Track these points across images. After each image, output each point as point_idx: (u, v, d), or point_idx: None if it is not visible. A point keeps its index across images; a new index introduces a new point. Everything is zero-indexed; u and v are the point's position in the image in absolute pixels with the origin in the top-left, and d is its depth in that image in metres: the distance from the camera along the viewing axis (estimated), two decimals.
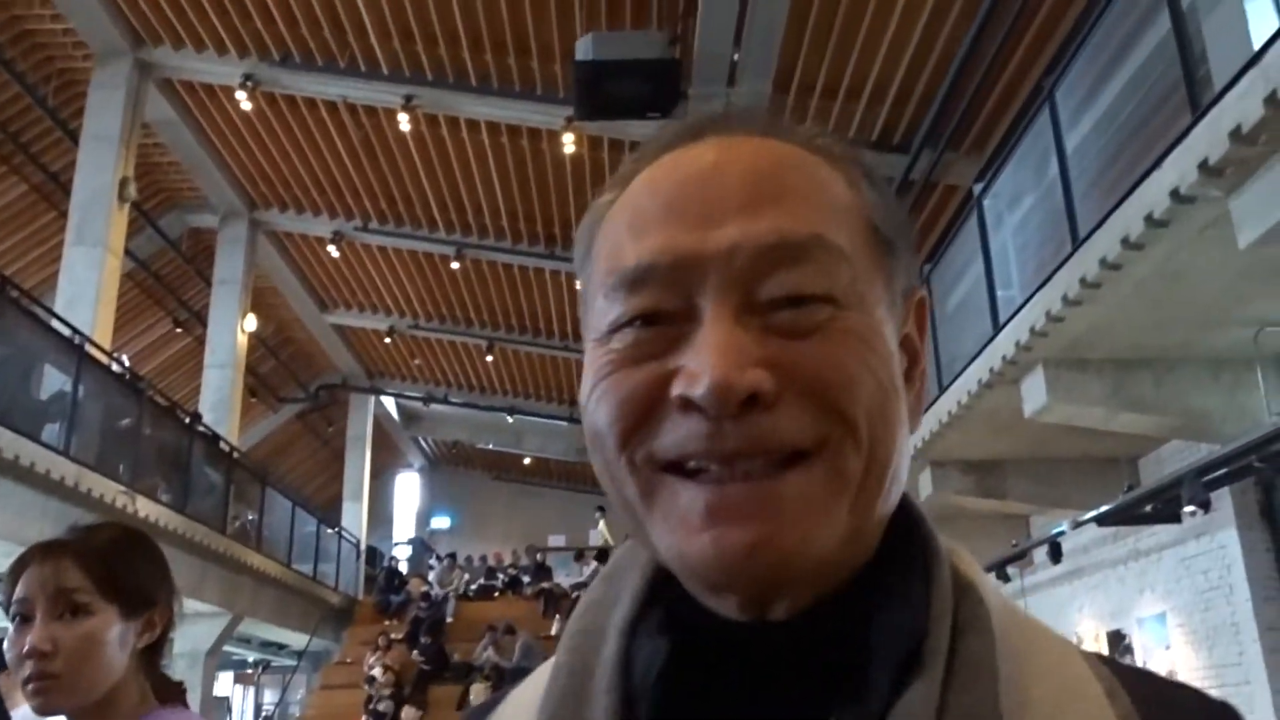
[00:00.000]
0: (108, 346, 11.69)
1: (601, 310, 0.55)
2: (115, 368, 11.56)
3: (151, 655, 1.51)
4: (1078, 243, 6.03)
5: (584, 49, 9.35)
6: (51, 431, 9.40)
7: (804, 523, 0.50)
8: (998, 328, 7.33)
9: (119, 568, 1.46)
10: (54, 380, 10.01)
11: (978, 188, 8.23)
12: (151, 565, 1.52)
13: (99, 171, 12.37)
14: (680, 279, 0.52)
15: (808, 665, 0.52)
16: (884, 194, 0.59)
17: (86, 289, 11.92)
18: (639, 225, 0.54)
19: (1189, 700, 0.57)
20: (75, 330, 10.19)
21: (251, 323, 16.81)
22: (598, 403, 0.54)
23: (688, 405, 0.50)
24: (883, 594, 0.54)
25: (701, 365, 0.49)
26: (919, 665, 0.51)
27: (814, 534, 0.50)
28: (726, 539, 0.49)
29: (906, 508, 0.58)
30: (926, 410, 8.82)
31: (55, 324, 10.18)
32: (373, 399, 23.83)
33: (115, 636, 1.43)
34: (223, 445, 14.15)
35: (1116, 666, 0.57)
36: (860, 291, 0.53)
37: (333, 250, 16.92)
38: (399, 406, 25.70)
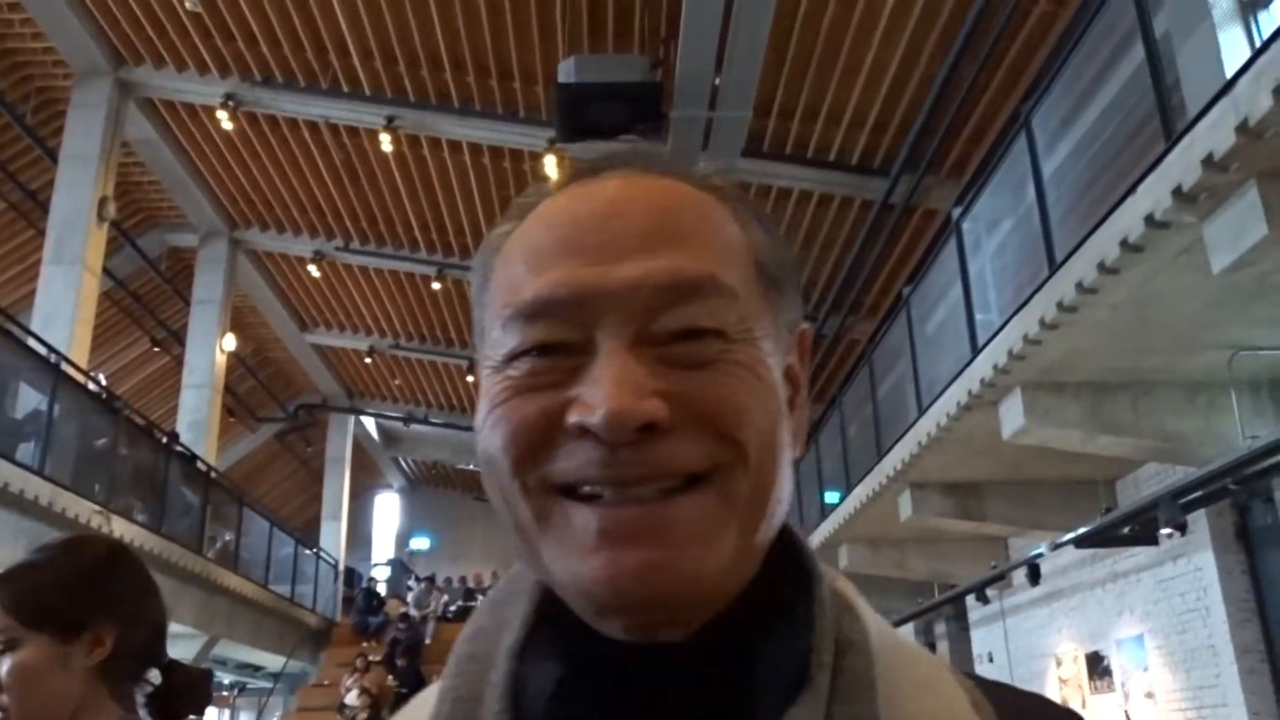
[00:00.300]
0: (85, 365, 11.61)
1: (498, 340, 0.56)
2: (92, 387, 11.48)
3: (114, 672, 1.48)
4: (1054, 267, 6.08)
5: (566, 72, 9.38)
6: (26, 451, 9.31)
7: (695, 546, 0.51)
8: (976, 351, 7.38)
9: (37, 598, 1.45)
10: (29, 399, 9.93)
11: (956, 212, 8.30)
12: (86, 583, 1.49)
13: (78, 190, 12.32)
14: (578, 312, 0.53)
15: (698, 686, 0.54)
16: (771, 234, 0.61)
17: (63, 308, 11.86)
18: (538, 259, 0.55)
19: (1041, 707, 0.61)
20: (51, 349, 10.11)
21: (230, 342, 16.73)
22: (493, 428, 0.55)
23: (584, 433, 0.51)
24: (769, 614, 0.56)
25: (598, 395, 0.51)
26: (806, 682, 0.53)
27: (705, 557, 0.52)
28: (620, 561, 0.51)
29: (785, 532, 0.60)
30: (906, 432, 8.87)
31: (31, 342, 10.11)
32: (352, 419, 23.73)
33: (53, 663, 1.43)
34: (200, 465, 14.05)
35: (978, 680, 0.60)
36: (749, 326, 0.55)
37: (313, 270, 16.89)
38: (379, 427, 25.60)
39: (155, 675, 1.55)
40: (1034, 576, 9.10)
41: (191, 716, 1.57)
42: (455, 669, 0.59)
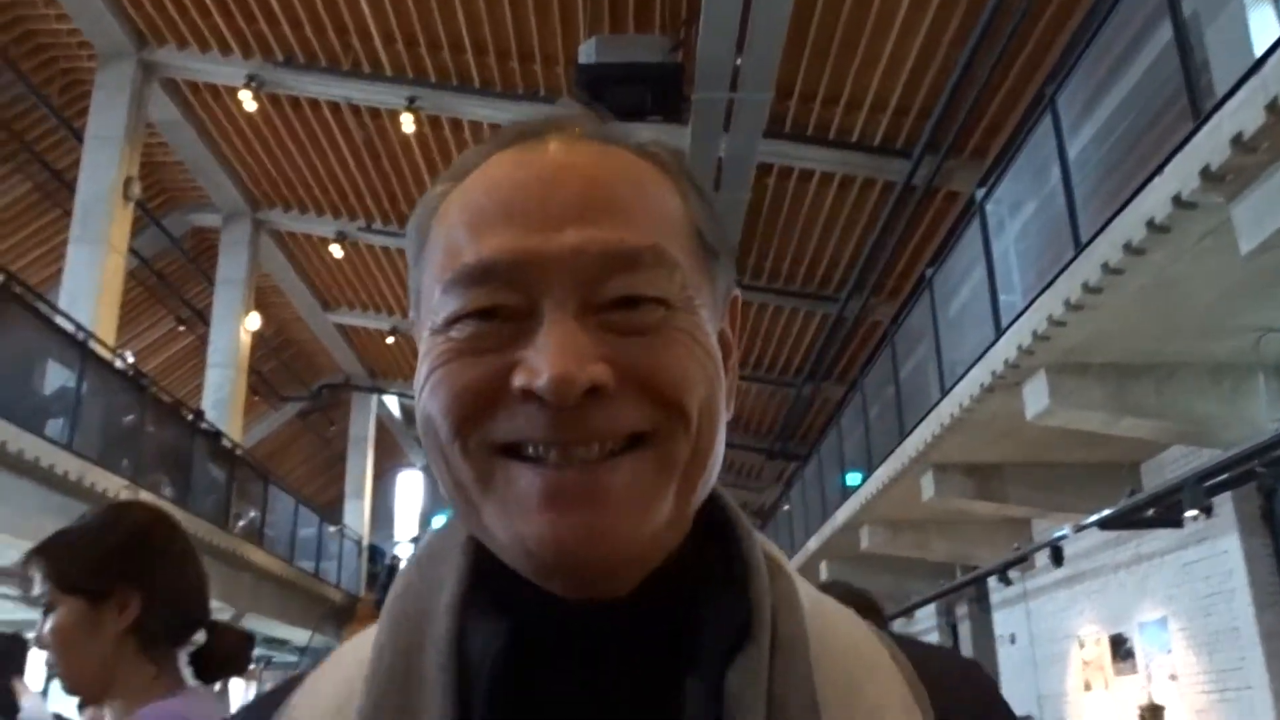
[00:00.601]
0: (111, 344, 11.72)
1: (439, 303, 0.56)
2: (118, 364, 11.58)
3: (146, 634, 1.55)
4: (1080, 248, 6.04)
5: (587, 53, 9.38)
6: (55, 427, 9.42)
7: (634, 507, 0.53)
8: (999, 332, 7.34)
9: (67, 566, 1.55)
10: (57, 376, 10.03)
11: (980, 193, 8.24)
12: (111, 553, 1.56)
13: (103, 170, 12.40)
14: (521, 278, 0.54)
15: (639, 641, 0.55)
16: (708, 203, 0.62)
17: (89, 287, 11.96)
18: (479, 223, 0.55)
19: (948, 658, 0.65)
20: (79, 326, 10.21)
21: (254, 322, 16.82)
22: (433, 390, 0.55)
23: (528, 396, 0.52)
24: (706, 573, 0.57)
25: (543, 360, 0.52)
26: (749, 639, 0.55)
27: (644, 517, 0.53)
28: (562, 523, 0.52)
29: (715, 496, 0.61)
30: (927, 414, 8.85)
31: (59, 320, 10.20)
32: (375, 398, 23.86)
33: (85, 624, 1.52)
34: (225, 443, 14.17)
35: (890, 633, 0.64)
36: (689, 295, 0.56)
37: (336, 250, 16.94)
38: (402, 406, 25.72)
39: (201, 636, 1.63)
40: (1057, 558, 9.08)
41: (231, 677, 1.65)
42: (391, 625, 0.59)
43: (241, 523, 14.39)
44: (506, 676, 0.55)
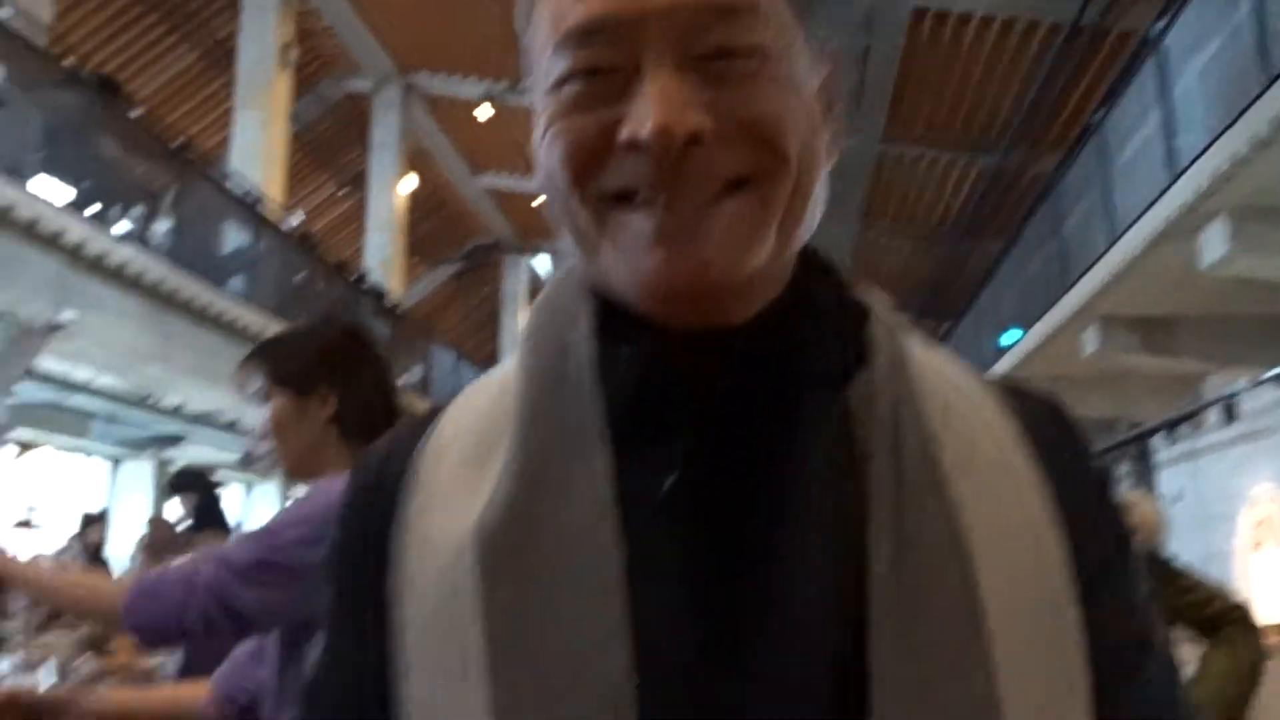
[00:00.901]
0: (279, 207, 12.23)
1: (550, 65, 0.59)
2: (285, 226, 12.11)
3: (345, 427, 1.81)
4: (1271, 79, 5.63)
5: None
6: (235, 284, 10.00)
7: (738, 243, 0.56)
8: (1175, 175, 6.95)
9: (280, 360, 1.82)
10: (233, 237, 10.58)
11: (1158, 27, 7.71)
12: (315, 354, 1.83)
13: (261, 37, 12.74)
14: (622, 35, 0.56)
15: (757, 369, 0.59)
16: None
17: (256, 152, 12.42)
18: None
19: (1029, 387, 0.68)
20: (250, 190, 10.67)
21: (408, 185, 17.20)
22: (550, 144, 0.59)
23: (634, 145, 0.56)
24: (815, 309, 0.61)
25: (645, 111, 0.55)
26: (862, 359, 0.60)
27: (747, 253, 0.57)
28: (673, 259, 0.56)
29: (814, 248, 0.64)
30: (1096, 261, 8.52)
31: (231, 185, 10.68)
32: (525, 259, 24.29)
33: (291, 414, 1.79)
34: (386, 302, 14.77)
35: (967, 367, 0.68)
36: (784, 44, 0.58)
37: (483, 112, 17.02)
38: (553, 266, 26.14)
39: None
40: (1229, 415, 8.75)
41: None
42: (530, 352, 0.63)
43: (403, 376, 15.07)
44: (645, 394, 0.59)
